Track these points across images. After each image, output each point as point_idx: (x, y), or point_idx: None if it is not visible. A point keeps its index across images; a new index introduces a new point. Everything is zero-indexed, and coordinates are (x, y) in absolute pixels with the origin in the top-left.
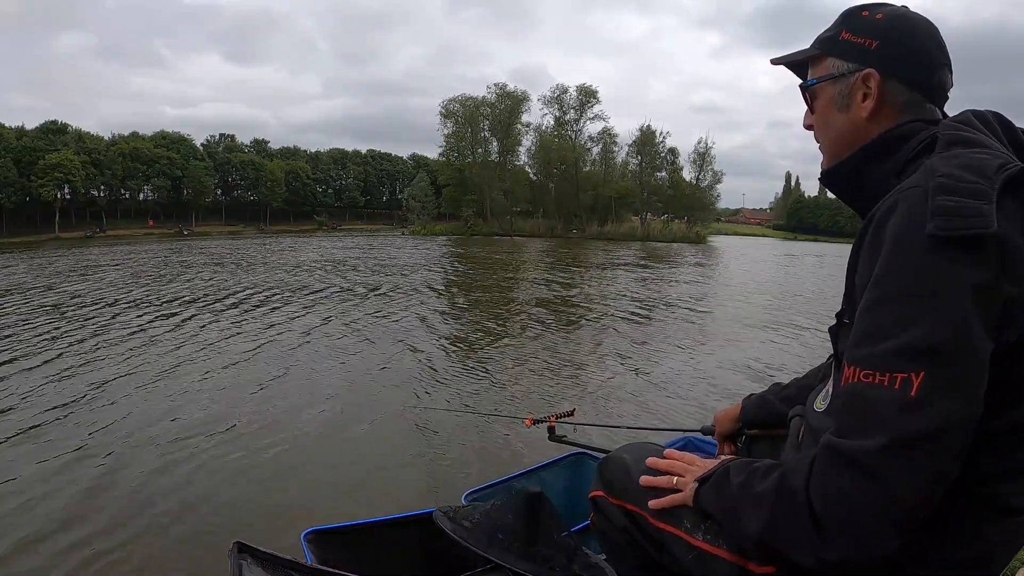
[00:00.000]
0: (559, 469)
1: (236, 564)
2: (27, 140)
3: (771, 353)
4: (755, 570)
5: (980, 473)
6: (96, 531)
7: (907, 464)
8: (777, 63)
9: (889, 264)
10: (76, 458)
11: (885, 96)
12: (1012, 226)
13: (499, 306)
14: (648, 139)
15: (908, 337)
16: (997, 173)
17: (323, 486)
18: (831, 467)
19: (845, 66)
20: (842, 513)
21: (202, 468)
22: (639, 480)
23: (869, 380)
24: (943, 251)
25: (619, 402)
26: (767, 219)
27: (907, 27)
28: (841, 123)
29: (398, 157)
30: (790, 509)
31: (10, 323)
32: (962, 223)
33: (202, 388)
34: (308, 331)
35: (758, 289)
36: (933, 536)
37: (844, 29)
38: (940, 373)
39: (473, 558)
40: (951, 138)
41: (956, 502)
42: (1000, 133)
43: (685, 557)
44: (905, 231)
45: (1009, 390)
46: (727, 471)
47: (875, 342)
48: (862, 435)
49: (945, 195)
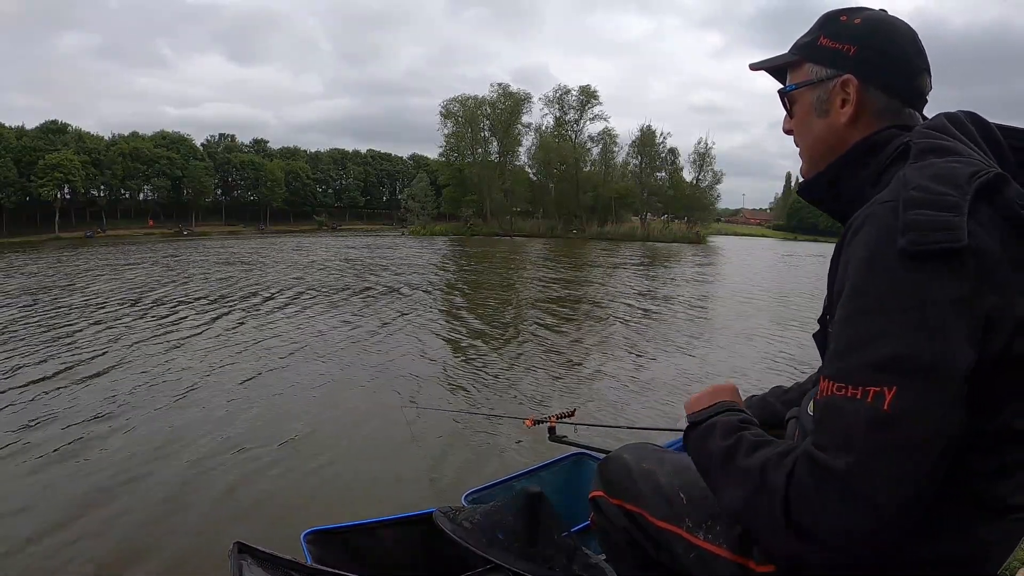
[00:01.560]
0: (559, 469)
1: (236, 564)
2: (27, 140)
3: (771, 353)
4: (756, 568)
5: (971, 472)
6: (95, 530)
7: (881, 479)
8: (757, 68)
9: (862, 279)
10: (75, 458)
11: (864, 102)
12: (988, 235)
13: (499, 306)
14: (648, 139)
15: (881, 351)
16: (969, 182)
17: (323, 486)
18: (809, 477)
19: (823, 72)
20: (818, 522)
21: (201, 468)
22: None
23: (842, 393)
24: (915, 266)
25: (619, 402)
26: (767, 219)
27: (886, 32)
28: (820, 128)
29: (398, 157)
30: (769, 505)
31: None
32: (933, 237)
33: (202, 388)
34: (307, 331)
35: (759, 289)
36: (925, 535)
37: (822, 34)
38: (913, 387)
39: (473, 558)
40: (924, 146)
41: (947, 501)
42: (975, 134)
43: (686, 556)
44: (877, 246)
45: (998, 395)
46: (712, 426)
47: (849, 356)
48: (836, 450)
49: (916, 209)
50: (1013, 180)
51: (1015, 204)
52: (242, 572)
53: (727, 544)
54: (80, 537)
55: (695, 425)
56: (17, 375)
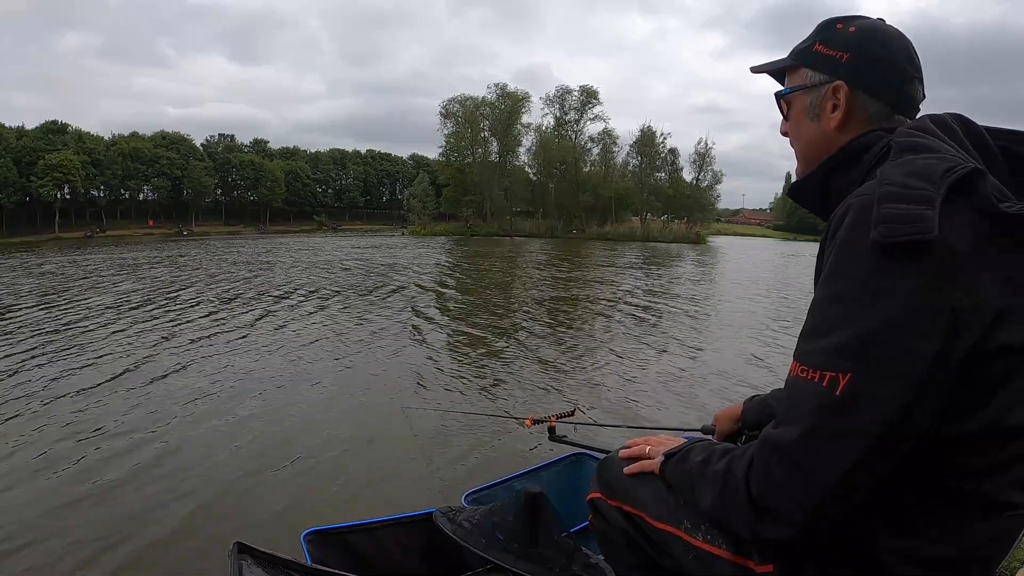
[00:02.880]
0: (559, 469)
1: (236, 564)
2: (27, 140)
3: (771, 353)
4: (755, 569)
5: (959, 471)
6: (93, 530)
7: (823, 455)
8: (758, 71)
9: (834, 267)
10: (72, 456)
11: (853, 107)
12: (958, 231)
13: (499, 306)
14: (648, 139)
15: (841, 337)
16: (943, 177)
17: (323, 486)
18: (762, 453)
19: (817, 77)
20: (769, 493)
21: (201, 468)
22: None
23: (804, 375)
24: (885, 257)
25: (620, 402)
26: (767, 219)
27: (879, 41)
28: (812, 132)
29: (398, 157)
30: (733, 490)
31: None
32: (903, 230)
33: (202, 388)
34: (306, 331)
35: (759, 289)
36: (917, 535)
37: (818, 41)
38: (867, 375)
39: (473, 558)
40: (903, 145)
41: (937, 500)
42: (959, 134)
43: (684, 557)
44: (850, 237)
45: (977, 393)
46: (691, 449)
47: (813, 340)
48: (788, 424)
49: (889, 203)
50: (992, 176)
51: (991, 198)
52: (242, 572)
53: (726, 545)
54: (80, 537)
55: (671, 455)
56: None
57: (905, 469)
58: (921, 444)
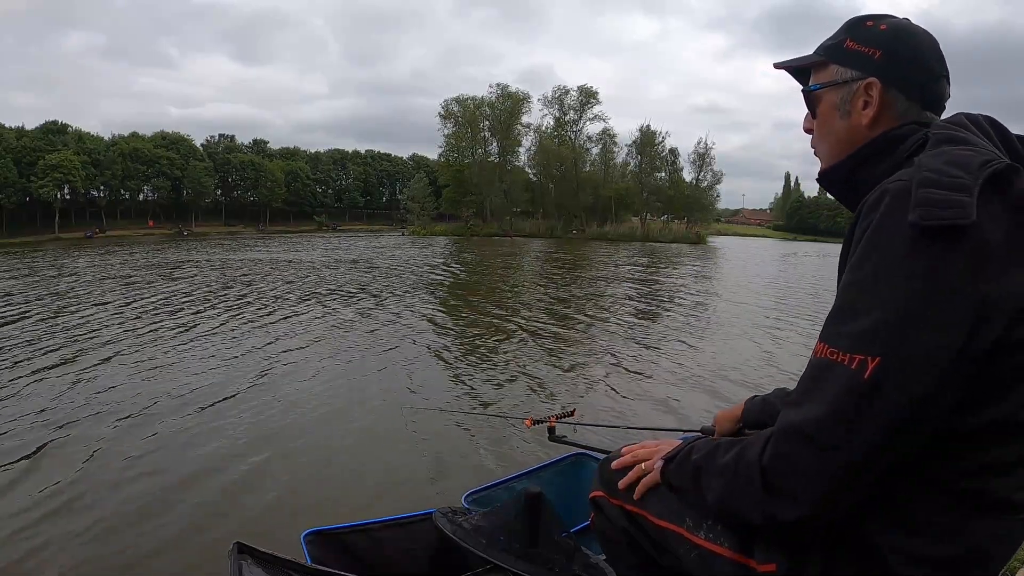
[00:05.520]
0: (559, 469)
1: (236, 564)
2: (27, 140)
3: (772, 353)
4: (757, 568)
5: (963, 469)
6: (93, 529)
7: (847, 435)
8: (780, 67)
9: (869, 249)
10: (73, 456)
11: (885, 104)
12: (993, 222)
13: (499, 306)
14: (648, 139)
15: (873, 320)
16: (981, 169)
17: (323, 486)
18: (781, 432)
19: (848, 73)
20: (787, 472)
21: (201, 467)
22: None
23: (833, 357)
24: (921, 240)
25: (619, 402)
26: (767, 220)
27: (909, 39)
28: (841, 129)
29: (398, 157)
30: (746, 475)
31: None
32: (942, 213)
33: (202, 388)
34: (305, 332)
35: (759, 289)
36: (920, 534)
37: (848, 38)
38: (896, 360)
39: (473, 559)
40: (941, 137)
41: (941, 499)
42: (992, 135)
43: (687, 556)
44: (887, 220)
45: (989, 387)
46: (691, 449)
47: (844, 321)
48: (809, 402)
49: (928, 187)
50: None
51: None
52: (242, 572)
53: (728, 543)
54: (80, 537)
55: (671, 459)
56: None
57: (909, 467)
58: (927, 440)
